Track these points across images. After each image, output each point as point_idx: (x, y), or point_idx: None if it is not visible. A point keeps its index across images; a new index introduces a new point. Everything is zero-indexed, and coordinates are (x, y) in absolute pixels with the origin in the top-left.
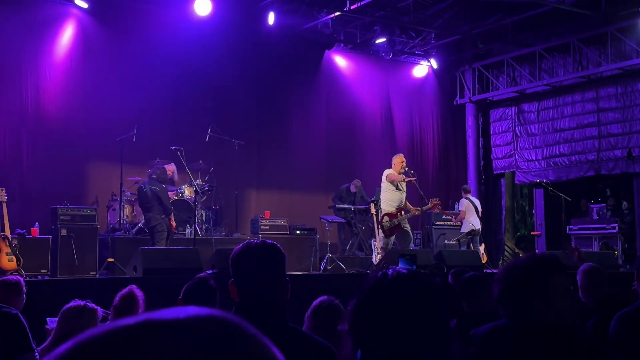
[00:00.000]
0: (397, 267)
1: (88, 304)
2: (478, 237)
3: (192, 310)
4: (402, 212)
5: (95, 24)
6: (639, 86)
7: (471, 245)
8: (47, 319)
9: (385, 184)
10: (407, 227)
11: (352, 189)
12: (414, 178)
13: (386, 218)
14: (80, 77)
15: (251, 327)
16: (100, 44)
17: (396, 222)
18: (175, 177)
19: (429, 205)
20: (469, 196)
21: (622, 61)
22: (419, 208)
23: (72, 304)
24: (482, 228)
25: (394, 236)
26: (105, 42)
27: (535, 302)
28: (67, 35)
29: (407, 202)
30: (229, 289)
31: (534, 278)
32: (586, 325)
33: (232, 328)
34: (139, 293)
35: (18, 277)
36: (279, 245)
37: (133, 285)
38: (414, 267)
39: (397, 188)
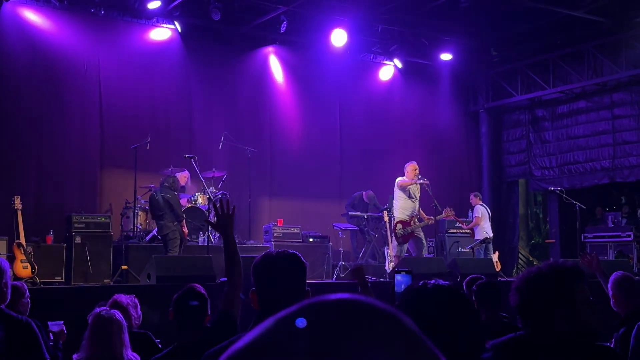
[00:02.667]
0: (438, 280)
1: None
2: (491, 245)
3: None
4: (416, 220)
5: (110, 32)
6: None
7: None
8: (49, 322)
9: (397, 192)
10: (421, 235)
11: (365, 198)
12: (426, 182)
13: (399, 226)
14: (94, 84)
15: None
16: (115, 52)
17: (409, 230)
18: (189, 182)
19: (443, 214)
20: (482, 203)
21: (637, 68)
22: (432, 217)
23: (97, 311)
24: (495, 236)
25: (407, 244)
26: (120, 50)
27: (557, 312)
28: (83, 42)
29: (421, 211)
30: (249, 297)
31: (556, 287)
32: (614, 335)
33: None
34: (122, 299)
35: (20, 282)
36: (299, 254)
37: (116, 295)
38: (411, 281)
39: (410, 196)
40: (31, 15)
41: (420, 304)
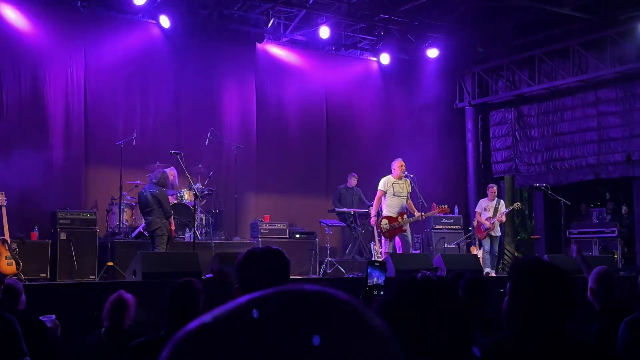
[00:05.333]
0: (426, 272)
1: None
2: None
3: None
4: (404, 216)
5: (95, 27)
6: (639, 90)
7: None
8: (41, 317)
9: (380, 192)
10: (407, 233)
11: (350, 183)
12: (409, 178)
13: (385, 221)
14: (80, 80)
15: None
16: (100, 47)
17: (396, 225)
18: (176, 181)
19: (434, 211)
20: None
21: (622, 65)
22: (423, 213)
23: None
24: None
25: (395, 239)
26: (106, 46)
27: (540, 312)
28: (68, 38)
29: (412, 205)
30: (234, 295)
31: (538, 286)
32: (591, 330)
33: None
34: (127, 296)
35: (15, 279)
36: (283, 250)
37: (121, 290)
38: (383, 274)
39: (395, 194)
40: (12, 12)
41: (411, 294)
